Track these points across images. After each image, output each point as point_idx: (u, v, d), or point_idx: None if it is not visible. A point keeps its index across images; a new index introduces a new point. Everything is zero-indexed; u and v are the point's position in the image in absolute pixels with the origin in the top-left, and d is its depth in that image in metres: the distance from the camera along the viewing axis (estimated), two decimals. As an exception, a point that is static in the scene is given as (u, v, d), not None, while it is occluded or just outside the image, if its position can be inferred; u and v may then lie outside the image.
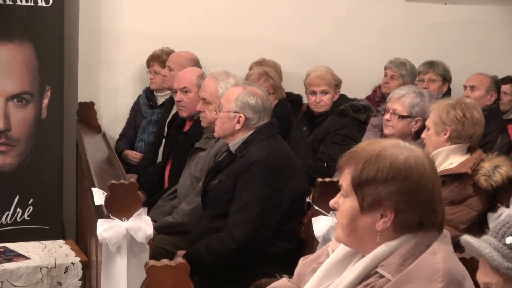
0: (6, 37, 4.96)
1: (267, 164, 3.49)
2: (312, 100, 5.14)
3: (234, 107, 3.67)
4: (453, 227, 3.53)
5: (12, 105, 5.03)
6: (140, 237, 3.22)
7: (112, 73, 6.01)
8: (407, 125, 4.28)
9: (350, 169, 2.09)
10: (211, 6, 6.10)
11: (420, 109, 4.24)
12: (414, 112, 4.26)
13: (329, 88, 5.10)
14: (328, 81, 5.11)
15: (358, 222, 2.08)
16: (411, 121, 4.27)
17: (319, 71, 5.19)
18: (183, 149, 4.62)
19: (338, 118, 5.01)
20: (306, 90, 5.23)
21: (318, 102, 5.11)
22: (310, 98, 5.16)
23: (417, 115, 4.25)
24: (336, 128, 4.95)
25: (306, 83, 5.23)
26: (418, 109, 4.25)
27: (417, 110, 4.25)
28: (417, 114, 4.25)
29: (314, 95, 5.13)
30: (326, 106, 5.10)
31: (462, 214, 3.65)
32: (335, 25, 6.40)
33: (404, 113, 4.27)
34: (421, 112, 4.23)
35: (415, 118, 4.26)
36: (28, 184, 5.12)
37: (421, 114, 4.23)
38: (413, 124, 4.27)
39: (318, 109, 5.12)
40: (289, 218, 3.57)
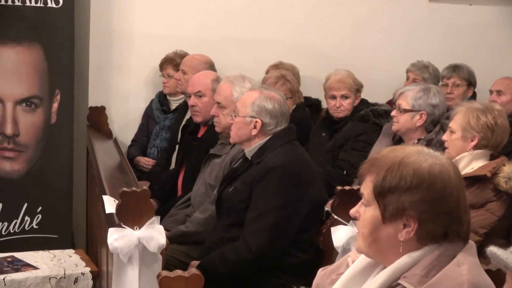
0: (15, 39, 4.98)
1: (285, 171, 3.48)
2: (331, 104, 5.13)
3: (250, 112, 3.66)
4: (473, 231, 3.51)
5: (21, 110, 5.04)
6: (153, 247, 3.22)
7: (124, 77, 6.03)
8: (410, 119, 4.36)
9: (371, 177, 2.09)
10: (226, 7, 6.10)
11: (424, 103, 4.33)
12: (417, 105, 4.34)
13: (349, 92, 5.09)
14: (349, 85, 5.10)
15: (380, 232, 2.07)
16: (414, 115, 4.35)
17: (339, 75, 5.18)
18: (197, 155, 4.62)
19: (359, 124, 4.99)
20: (326, 94, 5.21)
21: (338, 107, 5.10)
22: (330, 102, 5.14)
23: (420, 109, 4.33)
24: (357, 134, 4.94)
25: (325, 87, 5.22)
26: (422, 102, 4.34)
27: (420, 103, 4.34)
28: (420, 107, 4.33)
29: (334, 100, 5.12)
30: (346, 111, 5.09)
31: (482, 219, 3.64)
32: (355, 26, 6.39)
33: (406, 107, 4.36)
34: (425, 105, 4.33)
35: (418, 111, 4.33)
36: (36, 192, 5.13)
37: (425, 107, 4.32)
38: (417, 118, 4.34)
39: (338, 114, 5.11)
40: (307, 227, 3.56)
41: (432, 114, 4.33)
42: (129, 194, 3.22)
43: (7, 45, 4.96)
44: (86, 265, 4.04)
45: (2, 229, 5.09)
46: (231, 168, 3.99)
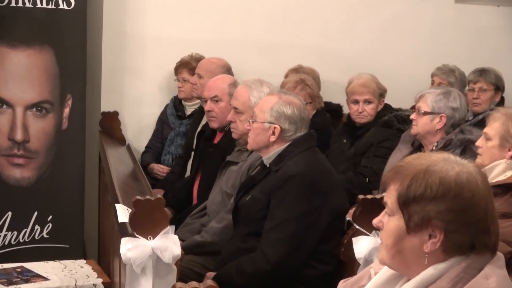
0: (25, 42, 5.02)
1: (304, 179, 3.48)
2: (354, 109, 5.11)
3: (268, 117, 3.66)
4: (505, 242, 3.48)
5: (31, 115, 5.08)
6: (167, 258, 3.23)
7: (138, 81, 6.05)
8: (430, 122, 4.37)
9: (395, 185, 2.08)
10: (245, 9, 6.11)
11: (444, 105, 4.36)
12: (437, 107, 4.36)
13: (373, 97, 5.07)
14: (372, 89, 5.08)
15: (404, 243, 2.06)
16: (434, 117, 4.36)
17: (362, 79, 5.17)
18: (213, 162, 4.62)
19: (382, 130, 4.98)
20: (348, 99, 5.19)
21: (361, 112, 5.08)
22: (352, 107, 5.13)
23: (440, 111, 4.34)
24: (380, 140, 4.93)
25: (348, 91, 5.20)
26: (442, 105, 4.36)
27: (440, 106, 4.36)
28: (440, 110, 4.35)
29: (356, 104, 5.10)
30: (369, 116, 5.08)
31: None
32: (378, 29, 6.38)
33: (426, 109, 4.38)
34: (445, 108, 4.35)
35: (438, 114, 4.34)
36: (47, 200, 5.16)
37: (445, 110, 4.34)
38: (437, 121, 4.35)
39: (360, 119, 5.10)
40: (328, 238, 3.56)
41: (452, 117, 4.34)
42: (142, 202, 3.23)
43: (17, 48, 5.00)
44: (98, 276, 4.04)
45: (11, 239, 5.12)
46: (249, 176, 3.99)
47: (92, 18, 5.53)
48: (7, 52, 4.99)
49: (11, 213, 5.13)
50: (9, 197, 5.12)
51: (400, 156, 4.40)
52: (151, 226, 3.23)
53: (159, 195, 3.44)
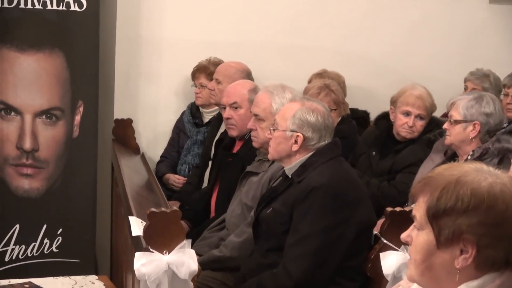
0: (35, 46, 5.05)
1: (329, 191, 3.48)
2: (403, 121, 4.98)
3: (290, 125, 3.67)
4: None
5: (41, 122, 5.11)
6: (183, 273, 3.24)
7: (153, 87, 6.07)
8: (463, 131, 4.33)
9: (425, 198, 2.08)
10: (265, 10, 6.12)
11: (476, 112, 4.30)
12: (469, 115, 4.31)
13: (426, 113, 4.97)
14: (429, 105, 4.98)
15: (434, 258, 2.06)
16: (467, 126, 4.32)
17: (418, 91, 5.04)
18: (232, 173, 4.63)
19: (424, 149, 4.87)
20: (396, 108, 5.05)
21: (411, 127, 4.97)
22: (401, 119, 4.99)
23: (472, 118, 4.30)
24: (422, 159, 4.81)
25: (400, 100, 5.05)
26: (474, 111, 4.31)
27: (472, 112, 4.31)
28: (472, 117, 4.30)
29: (407, 117, 4.98)
30: (416, 133, 4.97)
31: None
32: (407, 31, 6.37)
33: (458, 118, 4.34)
34: (478, 114, 4.30)
35: (471, 122, 4.30)
36: (57, 212, 5.19)
37: (478, 117, 4.30)
38: (470, 129, 4.31)
39: (407, 134, 4.99)
40: (354, 253, 3.56)
41: (486, 124, 4.30)
42: (157, 215, 3.24)
43: (27, 52, 5.03)
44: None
45: (19, 253, 5.15)
46: (270, 187, 3.99)
47: (105, 20, 5.55)
48: (16, 56, 5.03)
49: (19, 225, 5.16)
50: (17, 209, 5.15)
51: (432, 166, 4.38)
52: (166, 240, 3.24)
53: (175, 207, 3.45)
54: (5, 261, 5.14)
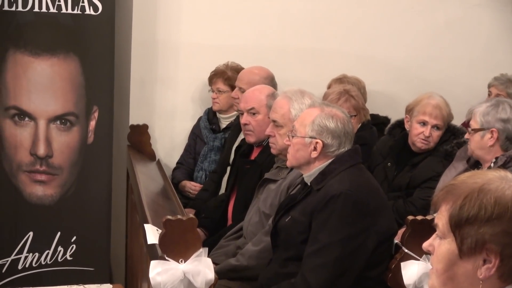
0: (49, 50, 5.07)
1: (349, 199, 3.47)
2: (419, 131, 4.94)
3: (310, 131, 3.66)
4: None
5: (55, 128, 5.13)
6: (199, 282, 3.24)
7: (169, 92, 6.09)
8: (481, 139, 4.34)
9: (447, 206, 2.08)
10: (283, 14, 6.12)
11: (492, 118, 4.30)
12: (486, 122, 4.32)
13: (443, 124, 4.94)
14: (447, 115, 4.95)
15: (456, 268, 2.06)
16: (484, 134, 4.32)
17: (436, 100, 5.00)
18: (250, 180, 4.63)
19: (442, 162, 4.86)
20: (413, 118, 5.02)
21: (427, 137, 4.93)
22: (417, 128, 4.95)
23: (489, 126, 4.30)
24: (440, 173, 4.80)
25: (417, 109, 5.00)
26: (490, 118, 4.31)
27: (489, 119, 4.31)
28: (489, 124, 4.30)
29: (423, 127, 4.94)
30: (432, 143, 4.94)
31: None
32: (430, 36, 6.36)
33: (475, 126, 4.34)
34: (494, 121, 4.30)
35: (488, 129, 4.30)
36: (71, 219, 5.21)
37: (495, 123, 4.30)
38: (488, 137, 4.32)
39: (423, 145, 4.95)
40: (375, 263, 3.55)
41: (504, 130, 4.27)
42: (173, 223, 3.25)
43: (41, 56, 5.06)
44: (125, 302, 4.08)
45: (32, 261, 5.17)
46: (288, 195, 3.99)
47: (120, 24, 5.58)
48: (30, 61, 5.06)
49: (32, 233, 5.18)
50: (31, 216, 5.18)
51: (454, 174, 4.37)
52: (182, 248, 3.25)
53: (191, 215, 3.45)
54: (18, 269, 5.16)
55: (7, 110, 5.09)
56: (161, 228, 3.29)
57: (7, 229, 5.16)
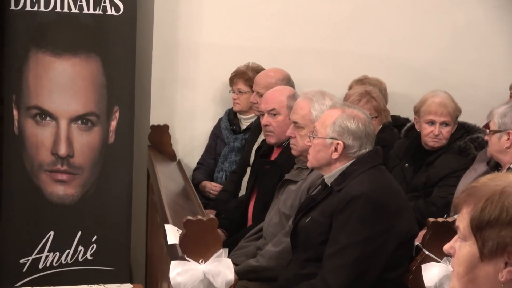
0: (71, 50, 5.10)
1: (369, 200, 3.47)
2: (428, 131, 4.97)
3: (330, 132, 3.66)
4: None
5: (76, 128, 5.16)
6: (219, 283, 3.25)
7: (190, 92, 6.10)
8: (498, 141, 4.33)
9: (468, 208, 2.07)
10: (305, 15, 6.12)
11: (510, 120, 4.31)
12: (503, 124, 4.32)
13: (451, 119, 4.95)
14: (452, 110, 4.95)
15: (477, 271, 2.05)
16: (501, 135, 4.32)
17: (439, 97, 5.02)
18: (270, 181, 4.63)
19: (458, 158, 4.88)
20: (420, 118, 5.06)
21: (437, 135, 4.96)
22: (426, 128, 4.98)
23: (506, 127, 4.30)
24: (455, 170, 4.81)
25: (423, 109, 5.04)
26: (507, 120, 4.31)
27: (505, 121, 4.32)
28: (506, 126, 4.30)
29: (431, 126, 4.96)
30: (443, 140, 4.96)
31: None
32: (451, 37, 6.34)
33: (494, 128, 4.35)
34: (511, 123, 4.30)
35: (505, 131, 4.30)
36: (91, 219, 5.23)
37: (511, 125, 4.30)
38: (504, 139, 4.31)
39: (435, 143, 4.97)
40: (395, 264, 3.54)
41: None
42: (194, 223, 3.26)
43: (62, 56, 5.08)
44: (145, 302, 4.09)
45: (53, 260, 5.20)
46: (309, 196, 3.99)
47: (141, 24, 5.59)
48: (52, 61, 5.08)
49: (53, 232, 5.21)
50: (52, 215, 5.20)
51: (474, 175, 4.36)
52: (202, 248, 3.26)
53: (212, 216, 3.46)
54: (39, 268, 5.19)
55: (29, 110, 5.13)
56: (182, 228, 3.29)
57: (28, 228, 5.19)
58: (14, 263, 5.19)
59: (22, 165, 5.16)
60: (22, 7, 5.02)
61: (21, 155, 5.15)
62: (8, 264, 5.22)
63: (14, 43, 5.10)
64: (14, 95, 5.13)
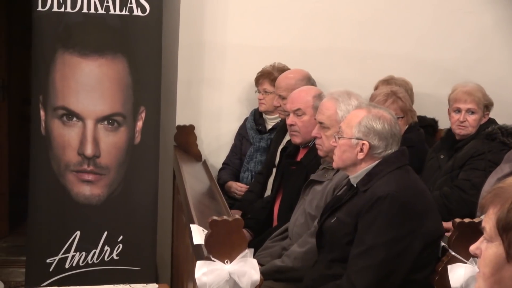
0: (97, 51, 5.12)
1: (395, 200, 3.46)
2: (455, 118, 5.07)
3: (356, 133, 3.65)
4: None
5: (102, 128, 5.18)
6: (245, 283, 3.25)
7: (216, 93, 6.11)
8: None
9: (495, 209, 2.06)
10: (331, 15, 6.11)
11: None
12: None
13: (476, 107, 5.02)
14: (477, 98, 5.02)
15: (503, 272, 2.05)
16: None
17: (468, 86, 5.13)
18: (295, 181, 4.63)
19: (484, 142, 4.92)
20: (450, 107, 5.16)
21: (462, 122, 5.03)
22: (453, 116, 5.09)
23: None
24: (480, 151, 4.85)
25: (450, 98, 5.18)
26: None
27: None
28: None
29: (458, 113, 5.06)
30: (470, 128, 5.01)
31: None
32: (479, 36, 6.30)
33: None
34: None
35: None
36: (118, 219, 5.25)
37: None
38: None
39: (461, 130, 5.04)
40: (421, 265, 3.53)
41: None
42: (219, 223, 3.26)
43: (89, 57, 5.10)
44: (170, 302, 4.10)
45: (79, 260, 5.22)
46: (334, 196, 3.98)
47: (168, 25, 5.61)
48: (78, 62, 5.11)
49: (79, 232, 5.23)
50: (78, 215, 5.23)
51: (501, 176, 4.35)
52: (228, 249, 3.26)
53: (237, 216, 3.46)
54: (66, 268, 5.22)
55: (56, 110, 5.16)
56: (207, 228, 3.30)
57: (55, 228, 5.22)
58: (41, 262, 5.22)
59: (49, 165, 5.19)
60: (49, 8, 5.05)
61: (48, 155, 5.18)
62: (34, 264, 5.26)
63: (41, 44, 5.13)
64: (41, 95, 5.17)
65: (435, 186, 4.86)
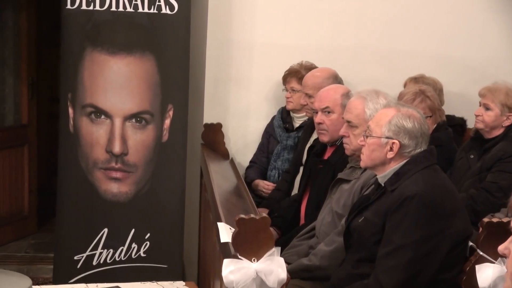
0: (126, 49, 5.14)
1: (423, 200, 3.45)
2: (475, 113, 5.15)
3: (386, 132, 3.64)
4: None
5: (130, 126, 5.20)
6: (272, 282, 3.25)
7: (243, 91, 6.11)
8: None
9: (524, 209, 2.06)
10: (359, 13, 6.09)
11: None
12: None
13: (493, 104, 5.02)
14: (496, 97, 5.01)
15: (533, 272, 2.04)
16: None
17: (494, 85, 5.15)
18: (323, 180, 4.63)
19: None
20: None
21: (477, 116, 5.09)
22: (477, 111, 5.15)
23: None
24: (509, 154, 4.84)
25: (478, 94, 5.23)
26: None
27: None
28: None
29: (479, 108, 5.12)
30: (483, 123, 5.04)
31: None
32: (507, 36, 6.26)
33: None
34: None
35: None
36: (145, 216, 5.27)
37: None
38: None
39: (476, 123, 5.10)
40: (449, 265, 3.52)
41: None
42: (246, 222, 3.26)
43: (117, 55, 5.13)
44: (197, 299, 4.11)
45: (107, 257, 5.25)
46: (362, 196, 3.98)
47: (196, 23, 5.62)
48: (107, 60, 5.13)
49: (107, 229, 5.26)
50: (106, 213, 5.26)
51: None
52: (255, 247, 3.26)
53: (264, 214, 3.46)
54: (93, 265, 5.25)
55: (84, 108, 5.18)
56: (234, 226, 3.30)
57: (82, 225, 5.26)
58: (69, 259, 5.25)
59: (77, 162, 5.22)
60: (78, 6, 5.08)
61: (76, 152, 5.21)
62: (62, 261, 5.29)
63: (70, 42, 5.16)
64: (69, 93, 5.20)
65: (464, 187, 4.84)
